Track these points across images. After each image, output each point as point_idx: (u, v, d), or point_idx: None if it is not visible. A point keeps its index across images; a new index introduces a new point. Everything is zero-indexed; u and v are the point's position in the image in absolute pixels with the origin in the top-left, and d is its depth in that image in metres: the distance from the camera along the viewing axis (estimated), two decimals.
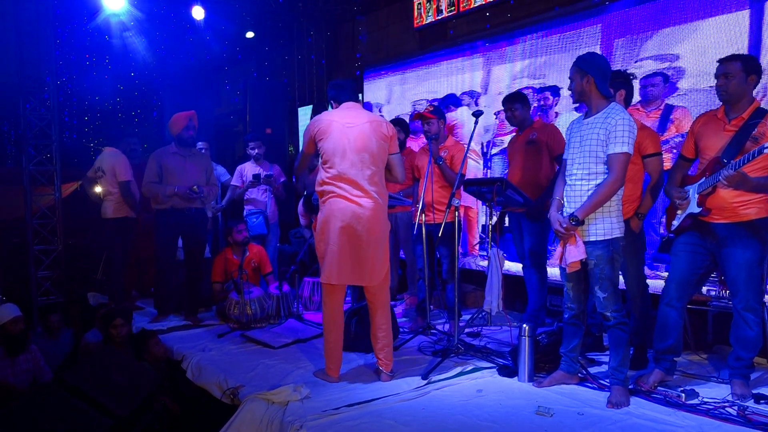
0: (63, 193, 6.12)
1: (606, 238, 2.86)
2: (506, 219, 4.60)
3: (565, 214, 2.97)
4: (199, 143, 5.42)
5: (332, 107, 3.40)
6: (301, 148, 3.27)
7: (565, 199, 3.02)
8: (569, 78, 2.98)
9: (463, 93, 5.74)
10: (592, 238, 2.88)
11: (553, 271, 4.63)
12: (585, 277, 3.02)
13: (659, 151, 3.39)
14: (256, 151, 5.81)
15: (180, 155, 4.71)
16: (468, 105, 5.63)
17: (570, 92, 3.01)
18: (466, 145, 3.92)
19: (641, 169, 3.38)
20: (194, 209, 4.75)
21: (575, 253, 2.87)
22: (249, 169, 5.84)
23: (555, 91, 4.89)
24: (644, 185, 3.43)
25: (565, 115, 4.78)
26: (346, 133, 3.15)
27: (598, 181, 2.85)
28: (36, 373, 3.85)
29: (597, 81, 2.85)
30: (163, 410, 3.53)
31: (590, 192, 2.86)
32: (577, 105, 3.59)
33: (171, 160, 4.67)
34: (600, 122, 2.84)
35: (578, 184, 2.92)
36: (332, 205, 3.16)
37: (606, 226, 2.86)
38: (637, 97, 4.25)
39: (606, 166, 2.83)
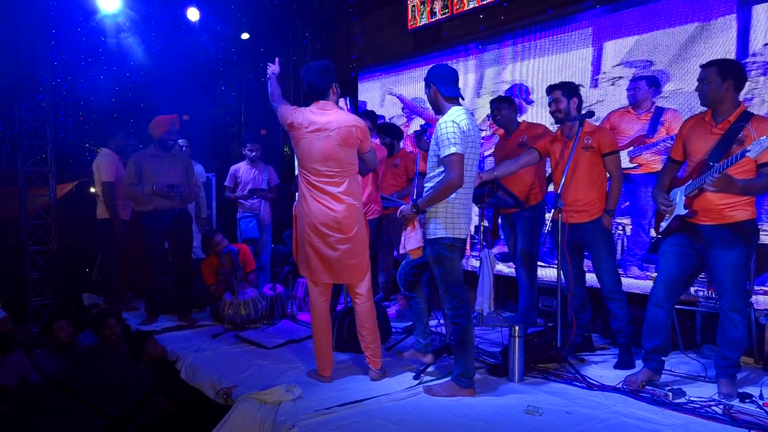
0: (58, 193, 6.13)
1: (430, 237, 3.07)
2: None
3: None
4: (180, 140, 5.42)
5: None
6: (280, 108, 3.32)
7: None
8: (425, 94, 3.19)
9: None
10: (426, 237, 3.10)
11: (544, 272, 4.68)
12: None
13: (616, 149, 3.55)
14: (253, 153, 5.81)
15: (159, 157, 4.73)
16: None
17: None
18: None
19: (604, 168, 3.55)
20: (177, 209, 4.77)
21: (413, 240, 3.13)
22: (243, 170, 5.86)
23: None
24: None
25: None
26: (314, 140, 3.18)
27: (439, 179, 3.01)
28: (23, 373, 3.88)
29: (439, 87, 3.04)
30: (158, 410, 3.56)
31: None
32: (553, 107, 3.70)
33: (150, 162, 4.69)
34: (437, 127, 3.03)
35: (427, 185, 3.10)
36: (306, 205, 3.24)
37: (431, 226, 3.06)
38: (625, 101, 4.33)
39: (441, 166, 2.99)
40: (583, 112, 3.55)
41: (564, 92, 3.57)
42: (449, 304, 3.09)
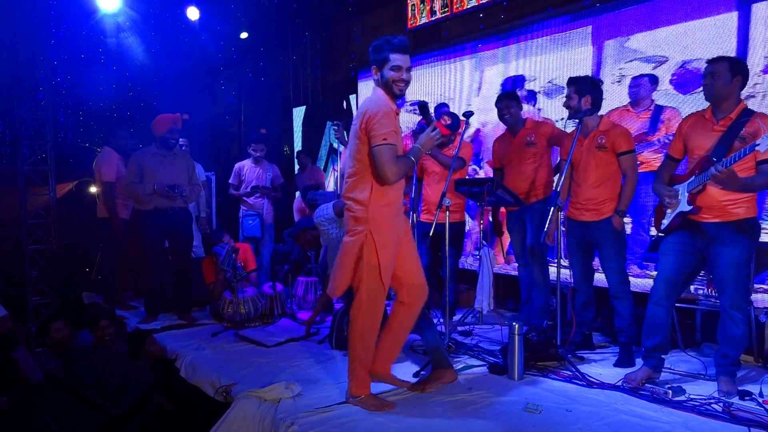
0: (58, 193, 6.13)
1: None
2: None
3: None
4: (180, 140, 5.41)
5: None
6: None
7: None
8: None
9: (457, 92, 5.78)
10: None
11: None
12: None
13: (632, 149, 3.51)
14: (258, 153, 5.84)
15: (160, 155, 4.72)
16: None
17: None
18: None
19: (619, 167, 3.50)
20: (178, 208, 4.75)
21: None
22: (248, 168, 5.86)
23: (548, 92, 4.93)
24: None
25: (552, 115, 4.83)
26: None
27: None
28: (25, 370, 3.87)
29: None
30: (158, 408, 3.56)
31: None
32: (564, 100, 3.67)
33: (151, 161, 4.68)
34: None
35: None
36: None
37: None
38: (626, 99, 4.33)
39: None
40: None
41: (576, 89, 3.52)
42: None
